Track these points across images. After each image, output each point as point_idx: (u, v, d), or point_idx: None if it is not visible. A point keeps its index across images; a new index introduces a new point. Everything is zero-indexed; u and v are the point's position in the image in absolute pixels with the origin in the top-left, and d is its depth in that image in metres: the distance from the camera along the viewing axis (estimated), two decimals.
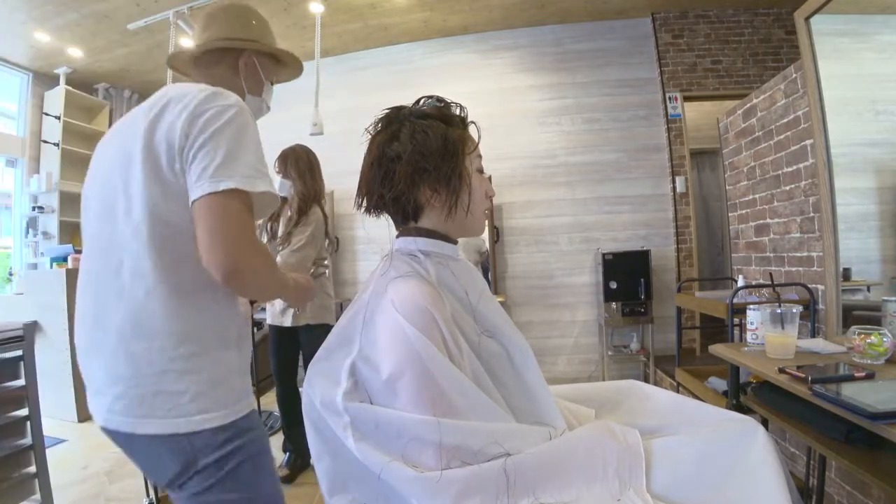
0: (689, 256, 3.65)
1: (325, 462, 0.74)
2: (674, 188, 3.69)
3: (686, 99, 3.70)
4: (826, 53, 1.77)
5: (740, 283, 2.14)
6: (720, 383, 2.05)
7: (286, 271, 0.95)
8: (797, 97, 1.94)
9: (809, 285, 1.88)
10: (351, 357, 0.73)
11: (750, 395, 1.52)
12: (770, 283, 1.96)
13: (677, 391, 2.40)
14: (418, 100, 0.85)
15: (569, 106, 3.89)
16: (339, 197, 4.09)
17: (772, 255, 2.21)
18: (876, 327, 1.29)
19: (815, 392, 1.09)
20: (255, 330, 3.04)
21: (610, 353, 3.66)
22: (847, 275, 1.78)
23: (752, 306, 1.66)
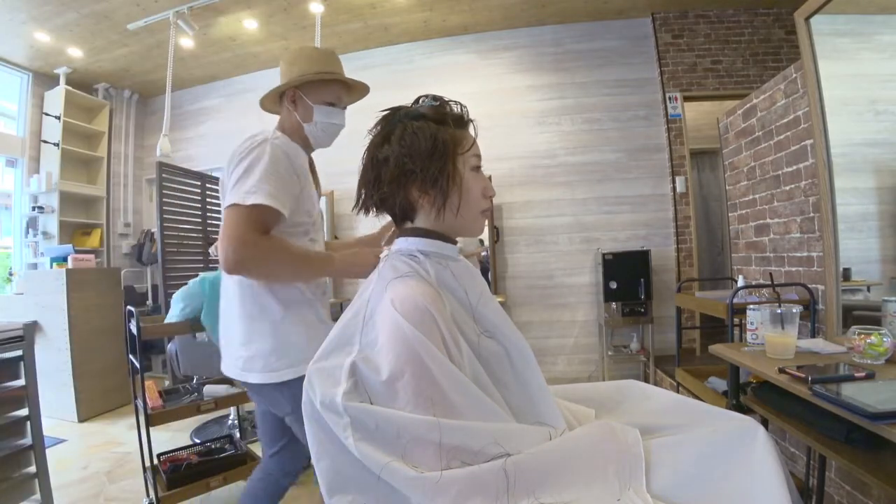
0: (689, 256, 3.65)
1: (324, 462, 0.74)
2: (674, 188, 3.69)
3: (686, 99, 3.70)
4: (826, 53, 1.77)
5: (740, 283, 2.14)
6: (720, 383, 2.05)
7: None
8: (797, 97, 1.94)
9: (809, 285, 1.88)
10: (351, 357, 0.73)
11: (750, 395, 1.52)
12: (770, 283, 1.96)
13: (677, 391, 2.40)
14: (417, 99, 0.84)
15: (569, 106, 3.89)
16: (339, 197, 4.10)
17: (772, 255, 2.21)
18: (876, 327, 1.29)
19: (815, 392, 1.09)
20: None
21: (610, 353, 3.66)
22: (847, 275, 1.78)
23: (752, 306, 1.66)
